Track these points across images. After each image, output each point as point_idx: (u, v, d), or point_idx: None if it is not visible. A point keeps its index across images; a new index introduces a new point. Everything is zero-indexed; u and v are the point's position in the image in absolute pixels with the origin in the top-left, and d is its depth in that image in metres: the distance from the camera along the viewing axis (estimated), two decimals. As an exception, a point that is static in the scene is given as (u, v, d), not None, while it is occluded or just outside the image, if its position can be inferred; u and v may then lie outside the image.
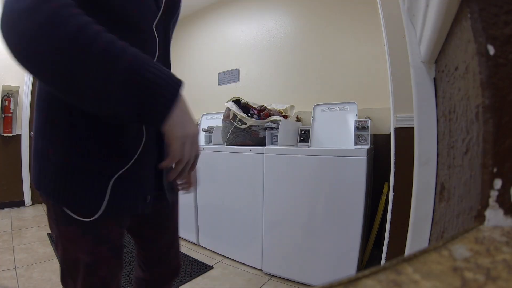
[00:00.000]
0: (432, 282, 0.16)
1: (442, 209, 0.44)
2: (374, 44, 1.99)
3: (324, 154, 1.46)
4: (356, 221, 1.35)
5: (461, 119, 0.33)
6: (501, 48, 0.24)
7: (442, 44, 0.41)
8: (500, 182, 0.23)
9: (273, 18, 2.69)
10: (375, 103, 1.96)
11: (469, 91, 0.29)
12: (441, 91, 0.47)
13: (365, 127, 1.63)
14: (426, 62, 0.51)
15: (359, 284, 0.16)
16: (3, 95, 2.92)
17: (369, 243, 1.62)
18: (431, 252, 0.19)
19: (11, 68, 3.03)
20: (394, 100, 1.16)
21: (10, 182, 3.04)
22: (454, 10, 0.31)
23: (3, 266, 1.65)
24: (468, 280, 0.16)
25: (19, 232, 2.27)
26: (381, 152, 1.82)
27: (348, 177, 1.38)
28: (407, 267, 0.17)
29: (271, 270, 1.65)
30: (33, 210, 3.01)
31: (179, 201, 0.78)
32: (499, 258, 0.18)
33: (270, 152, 1.65)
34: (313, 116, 1.98)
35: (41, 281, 1.50)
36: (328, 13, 2.28)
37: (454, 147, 0.37)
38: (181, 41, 3.65)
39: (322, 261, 1.46)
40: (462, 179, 0.31)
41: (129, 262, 1.77)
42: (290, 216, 1.57)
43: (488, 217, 0.23)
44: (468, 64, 0.29)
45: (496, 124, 0.23)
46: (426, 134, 0.53)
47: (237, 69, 2.96)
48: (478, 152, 0.26)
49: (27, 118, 3.15)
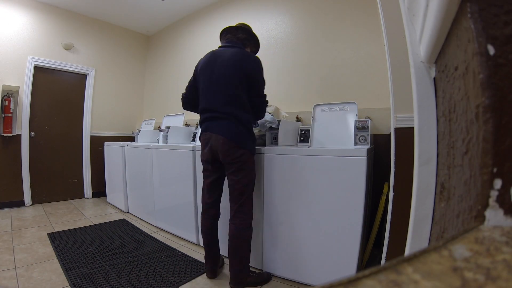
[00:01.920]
0: (432, 282, 0.16)
1: (442, 209, 0.44)
2: (374, 44, 1.99)
3: (324, 154, 1.46)
4: (356, 221, 1.35)
5: (461, 119, 0.33)
6: (501, 48, 0.24)
7: (442, 44, 0.41)
8: (500, 182, 0.23)
9: (273, 18, 2.69)
10: (375, 103, 1.96)
11: (469, 91, 0.29)
12: (441, 91, 0.47)
13: (365, 127, 1.63)
14: (426, 62, 0.51)
15: (359, 284, 0.16)
16: (3, 95, 2.92)
17: (369, 243, 1.62)
18: (431, 252, 0.19)
19: (11, 68, 3.03)
20: (394, 100, 1.16)
21: (10, 182, 3.04)
22: (454, 10, 0.31)
23: (3, 266, 1.65)
24: (468, 280, 0.16)
25: (19, 232, 2.27)
26: (381, 152, 1.82)
27: (348, 177, 1.38)
28: (407, 267, 0.17)
29: (271, 270, 1.65)
30: (33, 210, 3.01)
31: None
32: (499, 258, 0.18)
33: (270, 152, 1.65)
34: (313, 116, 1.98)
35: (41, 281, 1.50)
36: (328, 13, 2.28)
37: (454, 147, 0.37)
38: (182, 41, 3.65)
39: (322, 261, 1.46)
40: (462, 179, 0.31)
41: (129, 262, 1.77)
42: (290, 216, 1.57)
43: (488, 217, 0.23)
44: (468, 64, 0.29)
45: (496, 124, 0.23)
46: (426, 134, 0.53)
47: (237, 69, 2.96)
48: (478, 152, 0.26)
49: (27, 118, 3.16)
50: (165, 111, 3.62)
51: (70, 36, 3.52)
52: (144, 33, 4.33)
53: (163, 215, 2.45)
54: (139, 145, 2.83)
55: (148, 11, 3.57)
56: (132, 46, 4.22)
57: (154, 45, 4.31)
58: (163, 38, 4.08)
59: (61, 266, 1.68)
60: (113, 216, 2.91)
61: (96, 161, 3.75)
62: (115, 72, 4.00)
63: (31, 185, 3.20)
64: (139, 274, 1.62)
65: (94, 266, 1.71)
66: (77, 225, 2.54)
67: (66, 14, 3.48)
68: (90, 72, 3.71)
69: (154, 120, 3.61)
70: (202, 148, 1.54)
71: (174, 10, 3.53)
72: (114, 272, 1.63)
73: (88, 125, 3.71)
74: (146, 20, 3.86)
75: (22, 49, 3.12)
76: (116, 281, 1.52)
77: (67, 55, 3.50)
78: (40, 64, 3.27)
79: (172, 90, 3.74)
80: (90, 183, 3.73)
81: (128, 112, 4.19)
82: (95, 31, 3.77)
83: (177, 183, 2.23)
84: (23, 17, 3.13)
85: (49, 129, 3.43)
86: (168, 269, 1.70)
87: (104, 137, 3.76)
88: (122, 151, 3.03)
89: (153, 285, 1.50)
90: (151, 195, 2.55)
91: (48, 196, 3.37)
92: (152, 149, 2.51)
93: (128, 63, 4.17)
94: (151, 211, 2.58)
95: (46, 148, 3.39)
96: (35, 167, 3.26)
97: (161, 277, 1.59)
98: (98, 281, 1.51)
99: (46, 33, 3.32)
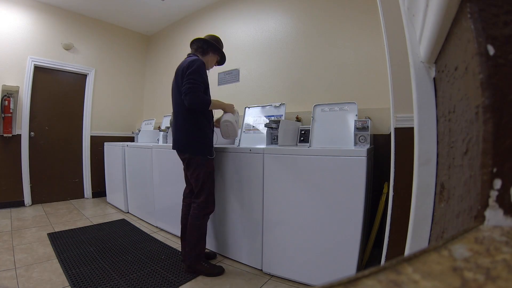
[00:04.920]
0: (432, 282, 0.16)
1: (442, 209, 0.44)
2: (374, 44, 1.99)
3: (324, 154, 1.46)
4: (356, 221, 1.35)
5: (461, 119, 0.33)
6: (501, 48, 0.24)
7: (442, 44, 0.41)
8: (500, 182, 0.23)
9: (273, 18, 2.69)
10: (375, 103, 1.96)
11: (469, 91, 0.29)
12: (441, 91, 0.47)
13: (365, 127, 1.63)
14: (426, 62, 0.51)
15: (359, 284, 0.16)
16: (3, 95, 2.92)
17: (369, 243, 1.62)
18: (431, 252, 0.19)
19: (11, 68, 3.03)
20: (394, 100, 1.16)
21: (10, 182, 3.04)
22: (454, 10, 0.31)
23: (3, 266, 1.65)
24: (468, 280, 0.16)
25: (19, 232, 2.27)
26: (381, 152, 1.82)
27: (348, 177, 1.38)
28: (407, 267, 0.17)
29: (271, 270, 1.65)
30: (33, 210, 3.01)
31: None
32: (499, 258, 0.18)
33: (270, 152, 1.65)
34: (313, 116, 1.98)
35: (41, 281, 1.50)
36: (328, 13, 2.28)
37: (454, 147, 0.37)
38: (181, 41, 3.65)
39: (322, 261, 1.46)
40: (462, 179, 0.31)
41: (130, 262, 1.77)
42: (290, 216, 1.57)
43: (488, 217, 0.23)
44: (468, 64, 0.29)
45: (496, 124, 0.23)
46: (426, 134, 0.53)
47: (237, 69, 2.96)
48: (478, 152, 0.26)
49: (26, 118, 3.16)
50: (165, 111, 3.61)
51: (70, 36, 3.52)
52: (144, 33, 4.33)
53: (163, 215, 2.45)
54: (139, 145, 2.83)
55: (148, 11, 3.57)
56: (132, 46, 4.22)
57: (154, 45, 4.31)
58: (163, 38, 4.08)
59: (61, 266, 1.68)
60: (113, 216, 2.91)
61: (96, 161, 3.75)
62: (115, 72, 4.00)
63: (31, 185, 3.20)
64: (139, 274, 1.62)
65: (94, 266, 1.71)
66: (77, 225, 2.54)
67: (66, 14, 3.48)
68: (90, 72, 3.71)
69: (154, 120, 3.61)
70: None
71: (174, 10, 3.53)
72: (114, 272, 1.63)
73: (88, 125, 3.71)
74: (146, 20, 3.86)
75: (22, 49, 3.12)
76: (116, 281, 1.52)
77: (67, 55, 3.50)
78: (40, 64, 3.27)
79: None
80: (90, 183, 3.73)
81: (128, 112, 4.19)
82: (95, 31, 3.77)
83: (177, 183, 2.23)
84: (23, 17, 3.13)
85: (49, 129, 3.42)
86: (168, 269, 1.70)
87: (104, 137, 3.76)
88: (122, 151, 3.03)
89: (153, 285, 1.50)
90: (151, 195, 2.55)
91: (48, 196, 3.37)
92: (152, 149, 2.51)
93: (128, 63, 4.17)
94: (151, 211, 2.58)
95: (46, 148, 3.39)
96: (35, 167, 3.26)
97: (161, 277, 1.59)
98: (98, 281, 1.51)
99: (46, 33, 3.32)
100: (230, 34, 3.05)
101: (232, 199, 1.84)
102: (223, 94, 3.06)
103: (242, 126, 2.40)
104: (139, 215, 2.85)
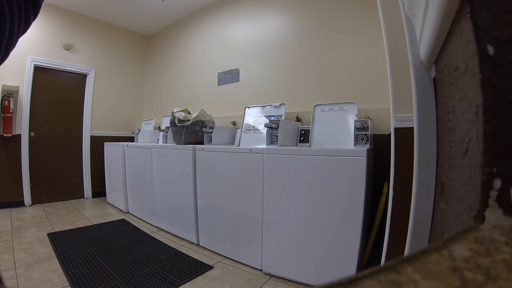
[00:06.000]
0: (432, 282, 0.16)
1: (442, 209, 0.44)
2: (374, 44, 1.99)
3: (324, 154, 1.46)
4: (356, 221, 1.35)
5: (461, 119, 0.33)
6: (501, 48, 0.24)
7: (442, 44, 0.41)
8: (500, 182, 0.23)
9: (273, 18, 2.69)
10: (375, 103, 1.96)
11: (469, 91, 0.29)
12: (441, 91, 0.47)
13: (365, 127, 1.63)
14: (426, 62, 0.51)
15: (359, 284, 0.16)
16: (3, 95, 2.92)
17: (369, 243, 1.62)
18: (431, 252, 0.19)
19: (11, 68, 3.03)
20: (394, 100, 1.16)
21: (10, 182, 3.04)
22: (454, 10, 0.31)
23: (3, 266, 1.65)
24: (468, 280, 0.16)
25: (19, 232, 2.27)
26: (381, 152, 1.82)
27: (348, 177, 1.38)
28: (407, 267, 0.17)
29: (271, 270, 1.65)
30: (33, 210, 3.01)
31: None
32: (499, 258, 0.18)
33: (270, 152, 1.65)
34: (313, 116, 1.98)
35: (41, 281, 1.50)
36: (328, 13, 2.28)
37: (454, 147, 0.37)
38: (181, 41, 3.65)
39: (322, 261, 1.46)
40: (462, 179, 0.31)
41: (130, 262, 1.77)
42: (290, 216, 1.57)
43: (487, 217, 0.23)
44: (468, 64, 0.29)
45: (496, 124, 0.23)
46: (426, 134, 0.53)
47: (237, 69, 2.96)
48: (478, 152, 0.26)
49: (26, 118, 3.15)
50: (165, 111, 3.62)
51: (70, 36, 3.52)
52: (144, 33, 4.33)
53: (163, 215, 2.45)
54: (139, 145, 2.82)
55: (148, 11, 3.57)
56: (132, 46, 4.21)
57: (154, 45, 4.31)
58: (163, 38, 4.08)
59: (61, 266, 1.68)
60: (113, 216, 2.91)
61: (96, 161, 3.75)
62: (115, 72, 4.00)
63: (31, 185, 3.20)
64: (139, 274, 1.62)
65: (94, 266, 1.71)
66: (77, 225, 2.53)
67: (66, 14, 3.48)
68: (90, 72, 3.70)
69: (154, 120, 3.61)
70: None
71: (174, 10, 3.53)
72: (114, 272, 1.63)
73: (88, 125, 3.71)
74: (146, 20, 3.86)
75: (22, 49, 3.12)
76: (116, 281, 1.52)
77: (67, 55, 3.50)
78: (40, 64, 3.26)
79: (172, 90, 3.74)
80: (90, 183, 3.73)
81: (128, 112, 4.19)
82: (95, 31, 3.77)
83: (177, 183, 2.23)
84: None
85: (49, 129, 3.42)
86: (168, 269, 1.70)
87: (104, 137, 3.76)
88: (122, 151, 3.03)
89: (153, 285, 1.50)
90: (151, 195, 2.55)
91: (48, 196, 3.37)
92: (152, 149, 2.51)
93: (128, 63, 4.17)
94: (151, 211, 2.58)
95: (46, 148, 3.39)
96: (35, 167, 3.26)
97: (161, 277, 1.59)
98: (98, 281, 1.51)
99: (46, 33, 3.32)
100: (230, 34, 3.05)
101: (232, 199, 1.84)
102: (223, 94, 3.06)
103: (242, 126, 2.40)
104: (139, 215, 2.85)
